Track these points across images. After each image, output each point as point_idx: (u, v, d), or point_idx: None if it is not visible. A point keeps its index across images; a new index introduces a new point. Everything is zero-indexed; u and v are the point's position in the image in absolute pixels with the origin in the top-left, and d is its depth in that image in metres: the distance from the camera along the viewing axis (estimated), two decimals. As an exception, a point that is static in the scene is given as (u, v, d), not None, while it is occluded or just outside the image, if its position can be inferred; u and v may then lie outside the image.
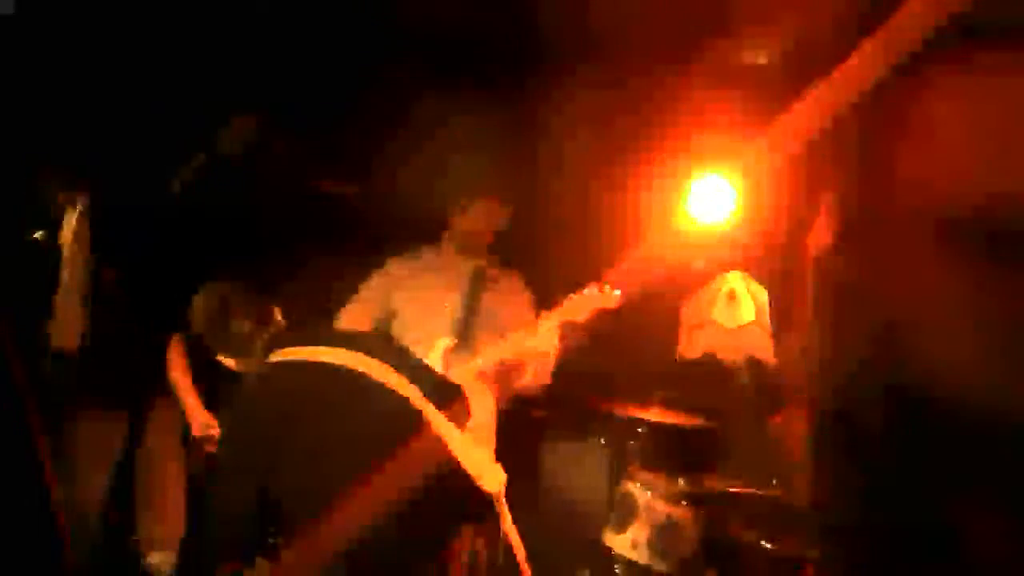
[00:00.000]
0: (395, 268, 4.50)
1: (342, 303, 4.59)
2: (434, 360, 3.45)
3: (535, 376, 3.92)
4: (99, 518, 2.98)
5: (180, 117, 3.90)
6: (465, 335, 4.24)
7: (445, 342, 4.05)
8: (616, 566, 4.34)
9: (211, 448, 4.03)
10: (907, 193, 4.30)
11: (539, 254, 4.88)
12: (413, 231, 4.59)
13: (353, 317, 4.54)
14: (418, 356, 3.09)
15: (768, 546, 4.22)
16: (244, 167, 2.17)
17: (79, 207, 3.78)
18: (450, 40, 4.66)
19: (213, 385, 4.21)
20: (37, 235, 3.83)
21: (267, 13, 4.28)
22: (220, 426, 3.87)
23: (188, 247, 2.30)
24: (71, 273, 3.79)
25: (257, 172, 2.21)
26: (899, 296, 4.29)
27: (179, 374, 4.30)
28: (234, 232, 2.59)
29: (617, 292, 3.95)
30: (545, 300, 4.06)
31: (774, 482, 4.48)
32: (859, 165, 4.31)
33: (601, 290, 3.96)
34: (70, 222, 3.80)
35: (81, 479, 3.44)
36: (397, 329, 4.48)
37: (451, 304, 4.34)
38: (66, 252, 3.78)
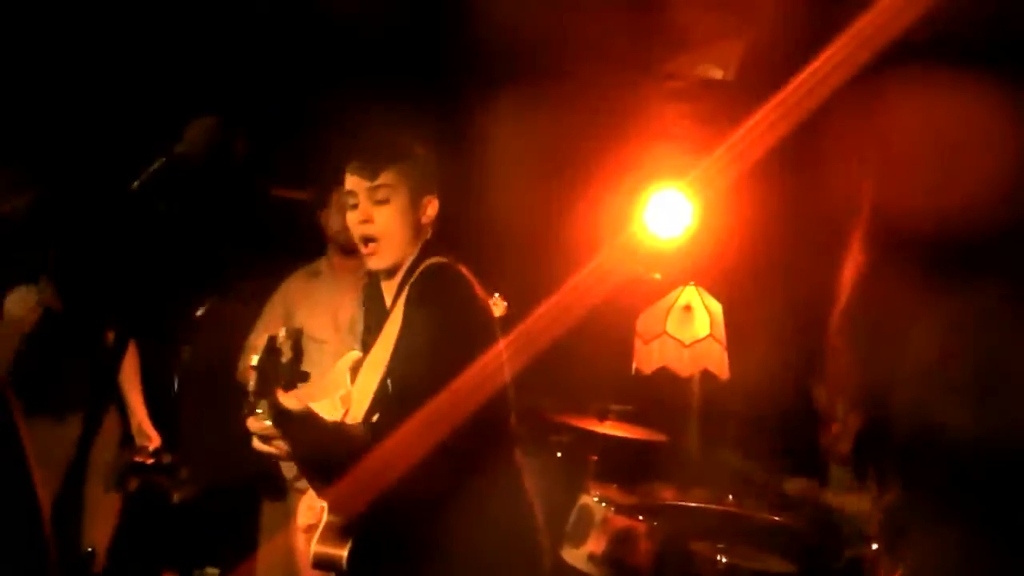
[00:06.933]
0: (291, 284, 4.38)
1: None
2: (340, 375, 3.15)
3: None
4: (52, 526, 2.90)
5: (136, 120, 3.85)
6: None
7: (353, 355, 3.53)
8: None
9: (139, 458, 3.98)
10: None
11: (490, 268, 4.86)
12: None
13: (260, 342, 4.34)
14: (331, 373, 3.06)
15: (723, 559, 4.20)
16: (204, 169, 2.13)
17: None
18: (399, 49, 4.65)
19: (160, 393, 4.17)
20: None
21: (224, 18, 4.25)
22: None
23: (142, 251, 2.26)
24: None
25: (217, 174, 2.17)
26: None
27: (129, 380, 4.21)
28: (190, 236, 2.55)
29: (504, 303, 4.03)
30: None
31: (730, 497, 4.48)
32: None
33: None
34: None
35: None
36: (308, 345, 4.27)
37: (353, 313, 4.11)
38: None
